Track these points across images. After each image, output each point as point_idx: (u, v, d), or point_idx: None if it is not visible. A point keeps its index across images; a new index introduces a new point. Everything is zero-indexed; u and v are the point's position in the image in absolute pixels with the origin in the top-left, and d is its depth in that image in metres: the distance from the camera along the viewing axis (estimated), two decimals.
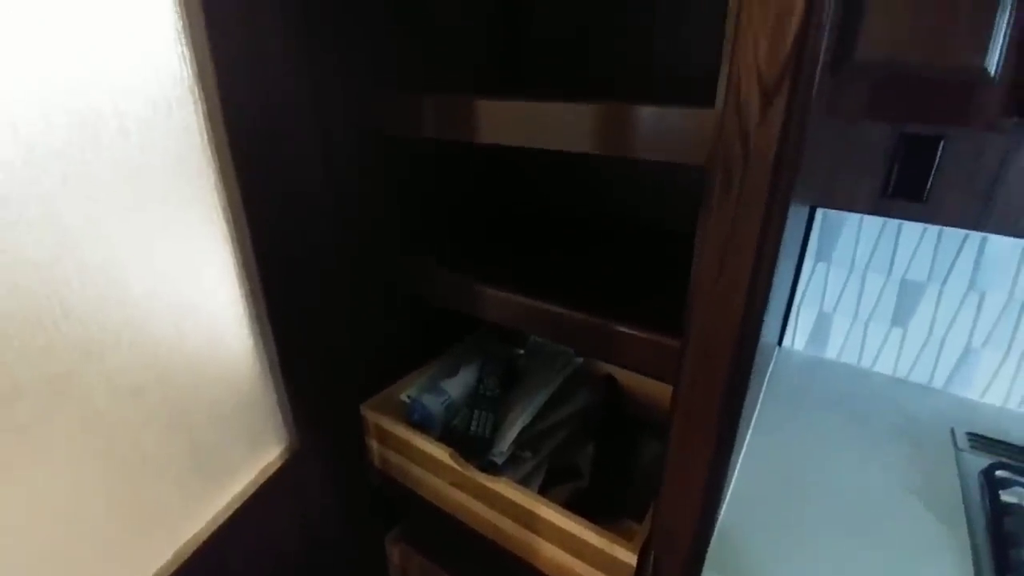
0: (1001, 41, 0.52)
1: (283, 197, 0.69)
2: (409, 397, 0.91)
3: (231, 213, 0.66)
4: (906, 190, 0.88)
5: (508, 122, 0.62)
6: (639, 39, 0.93)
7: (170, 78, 0.57)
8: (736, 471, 0.78)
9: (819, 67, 0.35)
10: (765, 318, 0.50)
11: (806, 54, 0.32)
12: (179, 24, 0.56)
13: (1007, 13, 0.51)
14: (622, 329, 0.59)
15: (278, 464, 0.77)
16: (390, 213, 0.85)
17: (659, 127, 0.49)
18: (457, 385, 0.93)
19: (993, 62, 0.52)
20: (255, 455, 0.75)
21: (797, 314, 1.07)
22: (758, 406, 0.93)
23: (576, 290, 0.69)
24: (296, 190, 0.71)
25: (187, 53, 0.57)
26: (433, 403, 0.89)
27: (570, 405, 0.95)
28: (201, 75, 0.59)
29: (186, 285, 0.62)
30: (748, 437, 0.86)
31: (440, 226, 0.97)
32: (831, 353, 1.06)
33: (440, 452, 0.79)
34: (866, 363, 1.03)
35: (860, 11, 0.53)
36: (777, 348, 1.11)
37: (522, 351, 1.08)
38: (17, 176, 0.46)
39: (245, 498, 0.72)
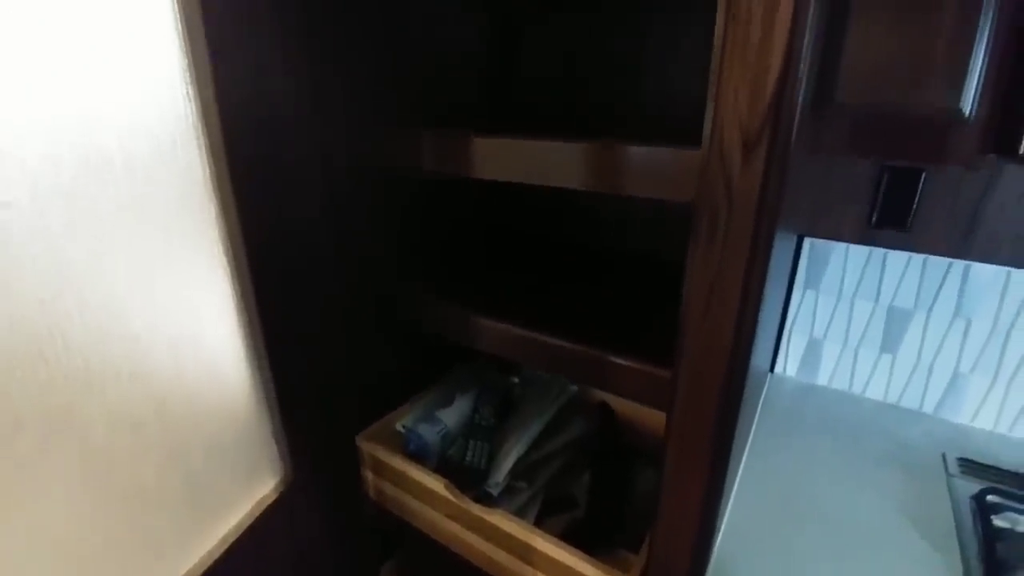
0: (975, 83, 0.55)
1: (282, 229, 0.71)
2: (405, 427, 0.92)
3: (231, 245, 0.67)
4: (890, 220, 0.91)
5: (504, 159, 0.64)
6: (629, 75, 0.97)
7: (174, 116, 0.59)
8: (731, 499, 0.80)
9: (798, 113, 0.37)
10: (754, 347, 0.52)
11: (784, 106, 0.35)
12: (184, 63, 0.59)
13: (980, 56, 0.54)
14: (616, 360, 0.60)
15: (273, 497, 0.77)
16: (388, 241, 0.87)
17: (648, 166, 0.51)
18: (453, 414, 0.94)
19: (968, 103, 0.55)
20: (250, 487, 0.76)
21: (788, 340, 1.09)
22: (752, 433, 0.95)
23: (572, 320, 0.70)
24: (295, 223, 0.72)
25: (191, 91, 0.60)
26: (429, 433, 0.90)
27: (566, 434, 0.96)
28: (204, 112, 0.61)
29: (185, 318, 0.64)
30: (743, 464, 0.87)
31: (437, 253, 0.99)
32: (822, 379, 1.08)
33: (435, 483, 0.79)
34: (857, 389, 1.05)
35: (838, 54, 0.56)
36: (769, 374, 1.13)
37: (517, 379, 1.09)
38: (24, 213, 0.48)
39: (240, 531, 0.72)
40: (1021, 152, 0.53)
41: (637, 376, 0.58)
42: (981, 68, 0.55)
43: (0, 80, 0.45)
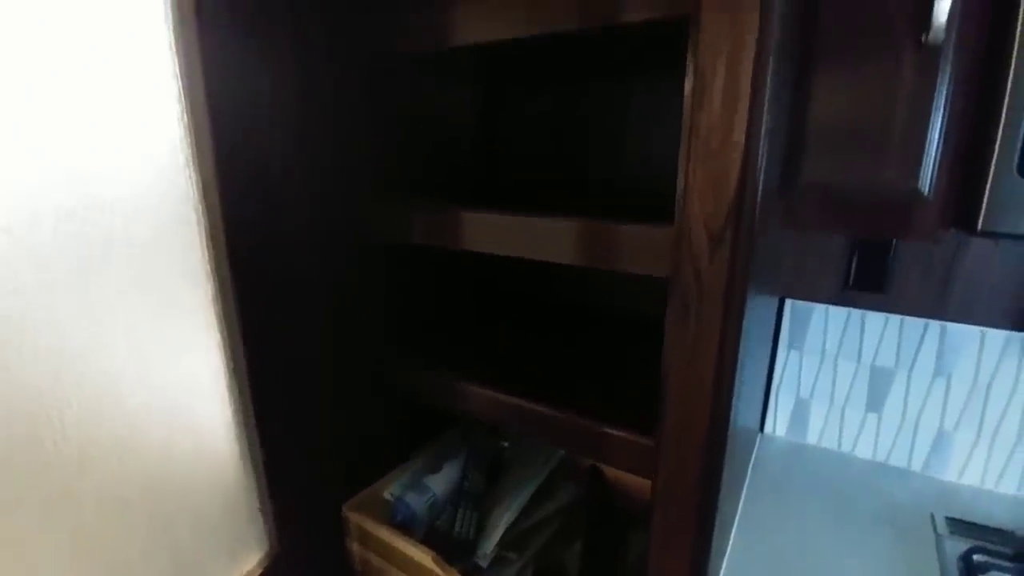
0: (931, 164, 0.60)
1: (277, 302, 0.74)
2: (392, 495, 0.92)
3: (226, 322, 0.70)
4: (865, 283, 0.96)
5: (490, 234, 0.68)
6: (612, 143, 1.03)
7: (177, 199, 0.63)
8: (724, 562, 0.80)
9: (759, 204, 0.41)
10: (733, 415, 0.54)
11: (746, 206, 0.39)
12: (188, 152, 0.63)
13: (935, 141, 0.60)
14: (599, 428, 0.63)
15: (258, 571, 0.77)
16: (376, 305, 0.90)
17: (626, 243, 0.55)
18: (441, 481, 0.95)
19: (926, 184, 0.61)
20: (236, 561, 0.76)
21: (776, 400, 1.12)
22: (743, 493, 0.96)
23: (557, 385, 0.73)
24: (290, 295, 0.75)
25: (194, 176, 0.64)
26: (417, 502, 0.90)
27: (556, 500, 0.97)
28: (205, 194, 0.65)
29: (178, 394, 0.66)
30: (735, 526, 0.88)
31: (424, 314, 1.02)
32: (811, 438, 1.10)
33: (423, 556, 0.80)
34: (846, 448, 1.07)
35: (801, 143, 0.62)
36: (759, 434, 1.15)
37: (507, 444, 1.10)
38: (32, 299, 0.51)
39: None
40: (979, 229, 0.58)
41: (621, 444, 0.61)
42: (936, 151, 0.60)
43: (15, 171, 0.49)
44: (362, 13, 0.76)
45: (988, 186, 0.56)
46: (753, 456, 1.07)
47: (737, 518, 0.90)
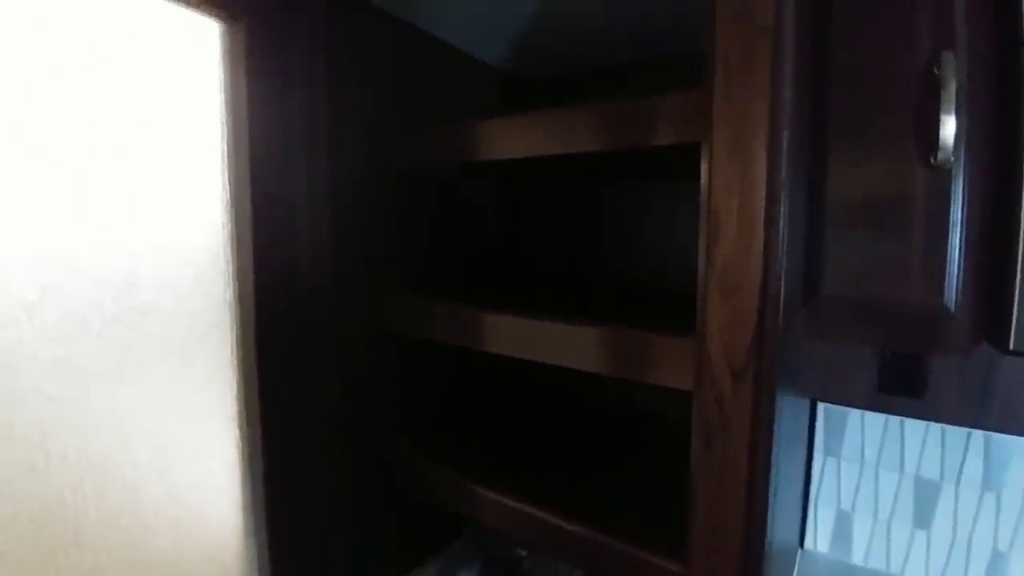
0: (955, 281, 0.62)
1: (296, 399, 0.77)
2: None
3: (246, 418, 0.73)
4: (899, 388, 0.96)
5: (509, 336, 0.71)
6: (630, 240, 1.08)
7: (214, 302, 0.67)
8: None
9: (780, 338, 0.44)
10: (770, 538, 0.54)
11: (767, 342, 0.41)
12: (228, 257, 0.68)
13: (955, 259, 0.61)
14: (625, 549, 0.62)
15: None
16: (383, 397, 0.91)
17: (649, 353, 0.57)
18: None
19: (951, 300, 0.62)
20: None
21: (815, 513, 1.09)
22: None
23: (573, 493, 0.73)
24: (307, 391, 0.78)
25: (231, 281, 0.69)
26: None
27: None
28: (240, 297, 0.70)
29: (192, 497, 0.67)
30: None
31: (434, 407, 1.03)
32: (857, 557, 1.06)
33: None
34: (895, 568, 1.02)
35: (821, 256, 0.65)
36: (800, 551, 1.11)
37: (525, 552, 1.08)
38: (65, 405, 0.54)
39: None
40: (1011, 348, 0.59)
41: (647, 569, 0.60)
42: (957, 268, 0.62)
43: (75, 279, 0.54)
44: (395, 132, 0.83)
45: (1016, 305, 0.57)
46: None
47: None
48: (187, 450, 0.66)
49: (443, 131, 0.79)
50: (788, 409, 0.73)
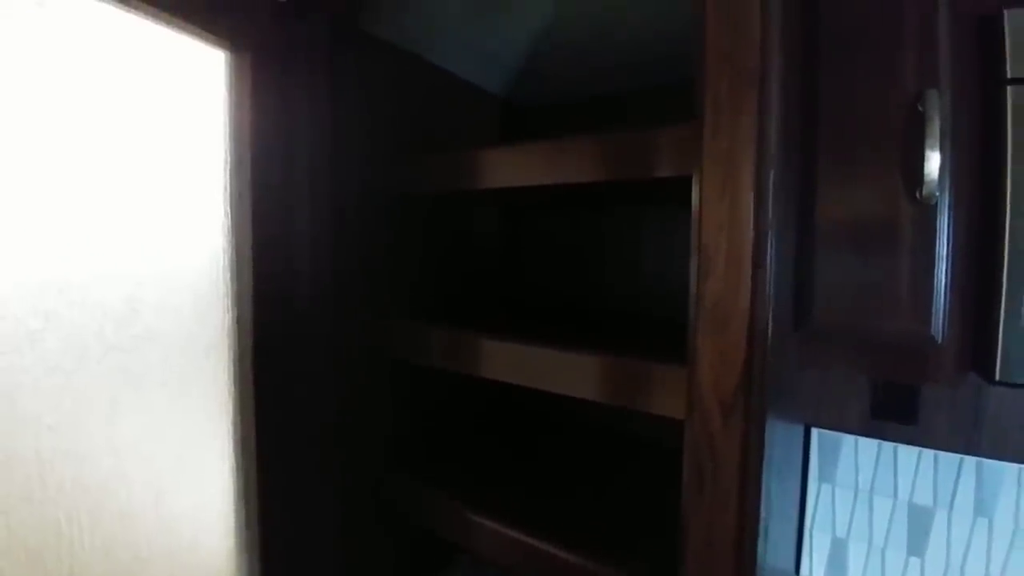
0: (942, 313, 0.64)
1: (292, 426, 0.78)
2: None
3: (243, 447, 0.73)
4: (893, 414, 0.97)
5: (505, 363, 0.72)
6: (627, 262, 1.10)
7: (213, 329, 0.69)
8: None
9: (769, 374, 0.45)
10: (760, 566, 0.55)
11: (756, 377, 0.43)
12: (229, 286, 0.69)
13: (942, 289, 0.64)
14: None
15: None
16: (380, 421, 0.92)
17: (642, 381, 0.59)
18: None
19: (939, 331, 0.64)
20: None
21: (811, 539, 1.10)
22: None
23: (570, 522, 0.74)
24: (302, 418, 0.79)
25: (231, 308, 0.70)
26: None
27: None
28: (239, 326, 0.71)
29: (186, 528, 0.68)
30: None
31: (429, 431, 1.03)
32: None
33: None
34: None
35: (811, 290, 0.67)
36: None
37: None
38: (63, 434, 0.55)
39: None
40: (996, 379, 0.60)
41: None
42: (944, 300, 0.64)
43: (76, 308, 0.55)
44: (397, 159, 0.85)
45: (1000, 337, 0.59)
46: None
47: None
48: (183, 478, 0.67)
49: (443, 159, 0.81)
50: (780, 437, 0.74)
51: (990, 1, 0.62)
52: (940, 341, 0.64)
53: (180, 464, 0.66)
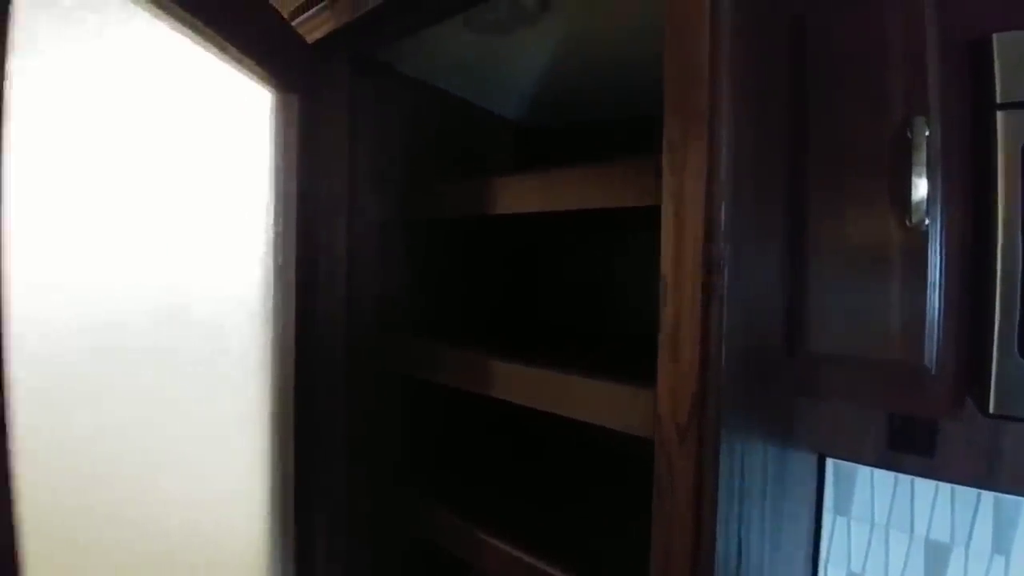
0: (935, 342, 0.63)
1: (319, 438, 0.81)
2: None
3: (279, 462, 0.78)
4: (909, 446, 0.95)
5: (513, 384, 0.73)
6: (633, 288, 1.11)
7: (256, 339, 0.73)
8: None
9: (725, 401, 0.45)
10: None
11: (709, 402, 0.43)
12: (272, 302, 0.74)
13: (935, 320, 0.63)
14: None
15: None
16: (392, 441, 0.94)
17: (616, 402, 0.59)
18: None
19: (932, 360, 0.63)
20: None
21: (825, 573, 1.06)
22: None
23: (580, 545, 0.74)
24: (325, 430, 0.82)
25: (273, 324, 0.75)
26: None
27: None
28: (282, 337, 0.76)
29: (218, 535, 0.72)
30: None
31: (443, 451, 1.05)
32: None
33: None
34: None
35: (803, 314, 0.66)
36: None
37: None
38: (112, 407, 0.60)
39: None
40: (991, 412, 0.59)
41: None
42: (937, 330, 0.63)
43: None
44: (415, 185, 0.89)
45: (994, 367, 0.58)
46: None
47: None
48: (218, 488, 0.71)
49: (455, 188, 0.84)
50: (776, 465, 0.73)
51: (979, 26, 0.62)
52: (934, 371, 0.63)
53: (216, 472, 0.71)
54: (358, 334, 0.84)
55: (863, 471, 1.01)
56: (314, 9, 0.80)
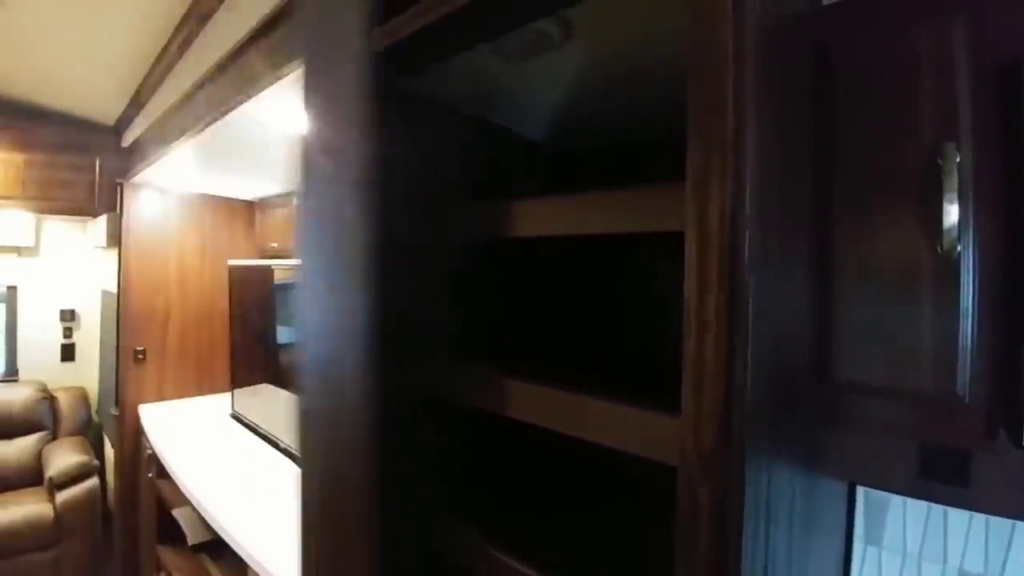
0: (967, 371, 0.61)
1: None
2: None
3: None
4: (943, 475, 0.92)
5: (539, 406, 0.73)
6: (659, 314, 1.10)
7: None
8: None
9: (748, 435, 0.45)
10: None
11: (734, 433, 0.43)
12: None
13: (968, 347, 0.61)
14: None
15: None
16: (431, 475, 0.94)
17: (645, 429, 0.58)
18: None
19: (964, 389, 0.61)
20: None
21: None
22: None
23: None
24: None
25: None
26: None
27: None
28: None
29: None
30: None
31: (488, 490, 1.04)
32: None
33: None
34: None
35: (830, 342, 0.66)
36: None
37: None
38: None
39: None
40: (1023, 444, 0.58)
41: None
42: (970, 359, 0.61)
43: None
44: (442, 208, 0.90)
45: None
46: None
47: None
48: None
49: (485, 209, 0.84)
50: (804, 494, 0.72)
51: (1010, 51, 0.61)
52: (967, 399, 0.61)
53: None
54: (393, 358, 0.84)
55: (895, 500, 0.99)
56: None
